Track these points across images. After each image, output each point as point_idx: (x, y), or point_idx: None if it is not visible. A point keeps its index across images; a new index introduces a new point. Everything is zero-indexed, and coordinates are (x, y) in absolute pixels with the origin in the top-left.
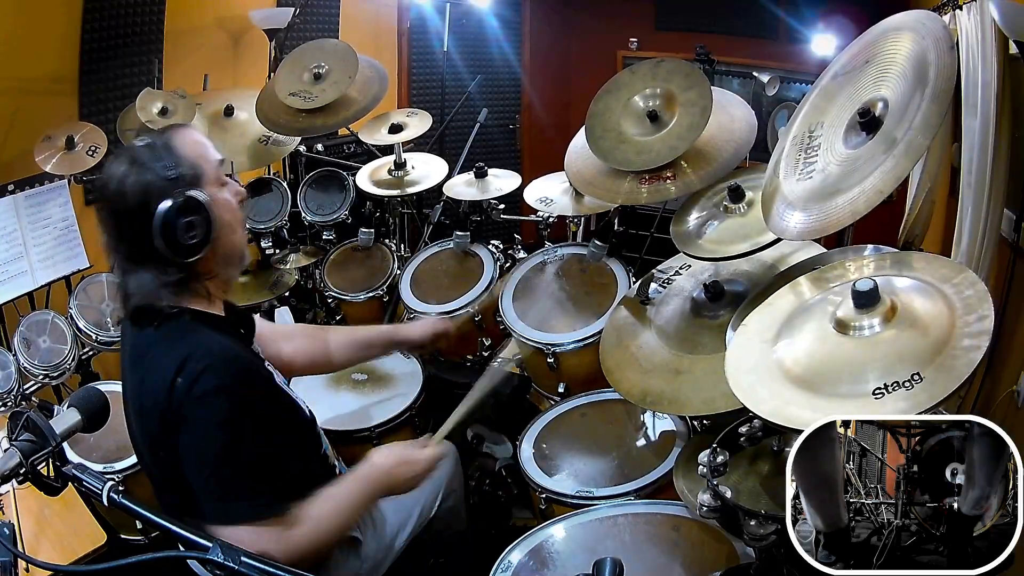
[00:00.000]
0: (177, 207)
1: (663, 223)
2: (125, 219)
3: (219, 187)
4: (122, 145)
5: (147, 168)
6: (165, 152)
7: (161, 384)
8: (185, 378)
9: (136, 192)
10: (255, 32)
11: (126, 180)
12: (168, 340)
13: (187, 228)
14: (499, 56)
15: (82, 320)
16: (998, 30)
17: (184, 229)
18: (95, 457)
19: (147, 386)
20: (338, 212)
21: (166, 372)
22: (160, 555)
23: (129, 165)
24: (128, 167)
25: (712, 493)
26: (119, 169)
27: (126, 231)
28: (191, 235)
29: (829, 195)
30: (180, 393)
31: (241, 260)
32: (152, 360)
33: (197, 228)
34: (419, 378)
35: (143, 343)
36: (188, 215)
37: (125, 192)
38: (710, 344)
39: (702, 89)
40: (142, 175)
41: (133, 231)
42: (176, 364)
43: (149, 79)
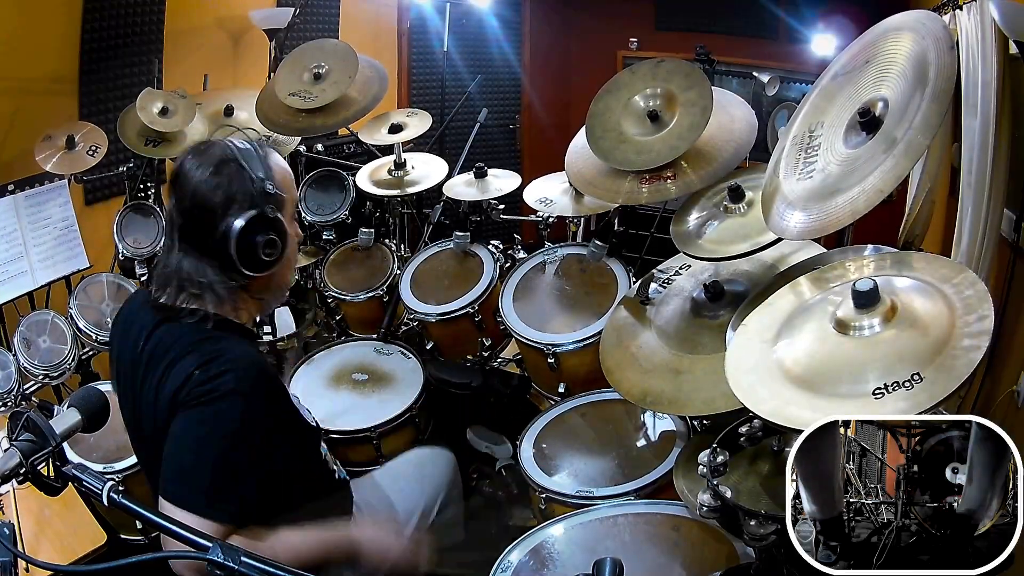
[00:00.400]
0: (264, 221)
1: (663, 223)
2: (204, 214)
3: (292, 221)
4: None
5: (246, 171)
6: (265, 165)
7: (180, 377)
8: (203, 372)
9: (225, 191)
10: (255, 32)
11: (218, 175)
12: (200, 342)
13: (266, 245)
14: (499, 56)
15: (82, 320)
16: (998, 30)
17: (264, 246)
18: (95, 457)
19: (169, 378)
20: (338, 212)
21: (188, 366)
22: (160, 555)
23: (222, 161)
24: (220, 163)
25: (712, 493)
26: (210, 162)
27: (200, 225)
28: (268, 252)
29: (829, 195)
30: (194, 384)
31: (284, 294)
32: (177, 357)
33: (273, 249)
34: (419, 378)
35: (170, 339)
36: (270, 233)
37: (214, 187)
38: (710, 344)
39: (702, 89)
40: (236, 176)
41: (208, 228)
42: (199, 361)
43: (149, 79)
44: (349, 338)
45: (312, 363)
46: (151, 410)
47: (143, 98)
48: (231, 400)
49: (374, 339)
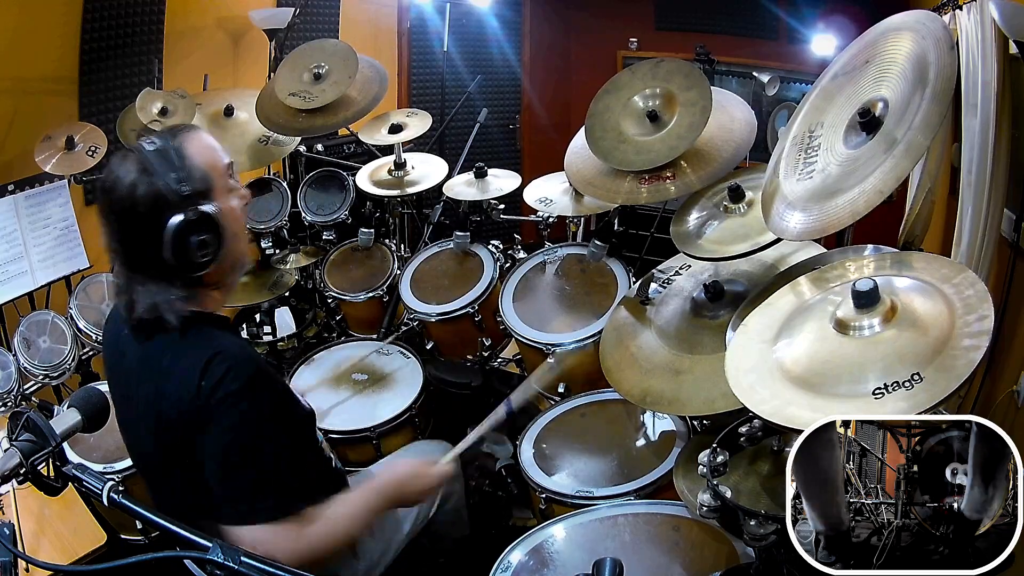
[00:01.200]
0: (189, 223)
1: (663, 223)
2: (133, 228)
3: (227, 195)
4: (128, 146)
5: (158, 177)
6: (177, 160)
7: (185, 389)
8: (209, 380)
9: (147, 202)
10: (255, 32)
11: (136, 188)
12: (185, 345)
13: (200, 246)
14: (499, 56)
15: (82, 320)
16: (998, 30)
17: (197, 247)
18: (95, 457)
19: (168, 393)
20: (338, 212)
21: (190, 376)
22: (160, 555)
23: (139, 172)
24: (138, 174)
25: (712, 493)
26: (128, 175)
27: (133, 240)
28: (203, 253)
29: (829, 195)
30: (205, 395)
31: (243, 266)
32: (170, 366)
33: (209, 245)
34: (419, 378)
35: (156, 351)
36: (200, 232)
37: (135, 201)
38: (710, 344)
39: (702, 89)
40: (153, 185)
41: (141, 240)
42: (199, 367)
43: (149, 79)
44: (349, 338)
45: (312, 363)
46: (153, 417)
47: (143, 98)
48: (242, 402)
49: (374, 339)
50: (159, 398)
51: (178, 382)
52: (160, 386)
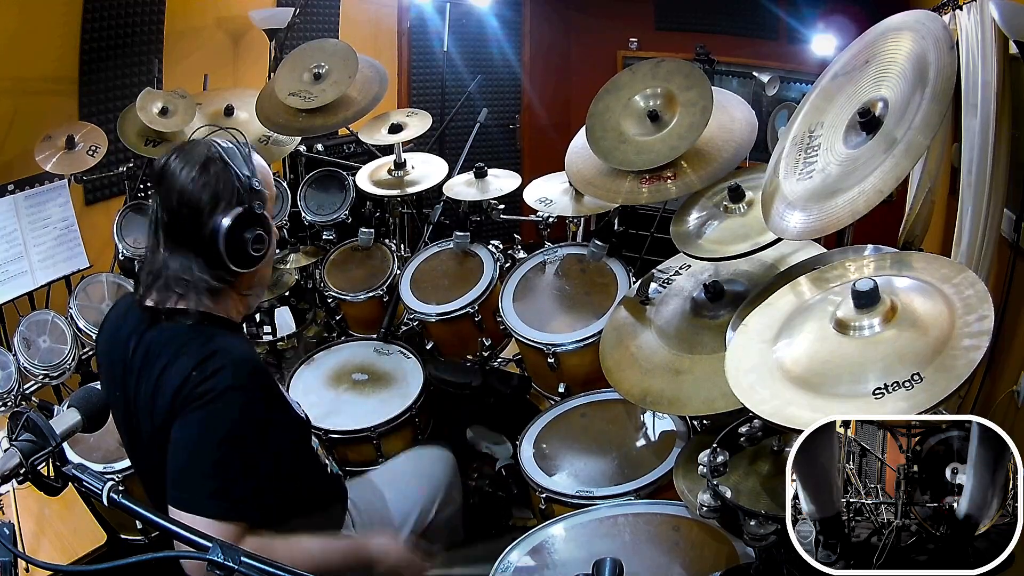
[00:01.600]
0: (252, 217)
1: (663, 223)
2: (190, 212)
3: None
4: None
5: (232, 169)
6: (248, 161)
7: (178, 378)
8: (200, 371)
9: (212, 188)
10: (255, 32)
11: (204, 173)
12: (193, 341)
13: (255, 241)
14: (499, 56)
15: (82, 320)
16: (998, 30)
17: (252, 242)
18: (95, 457)
19: (165, 380)
20: (338, 212)
21: (185, 366)
22: (160, 555)
23: (207, 159)
24: (206, 162)
25: (712, 493)
26: (195, 160)
27: (187, 224)
28: (256, 248)
29: (829, 195)
30: (192, 384)
31: (263, 289)
32: (172, 359)
33: (262, 243)
34: (419, 378)
35: (162, 342)
36: (257, 229)
37: (201, 186)
38: (710, 344)
39: (702, 89)
40: (222, 174)
41: (194, 226)
42: (196, 361)
43: (149, 79)
44: (349, 338)
45: (312, 363)
46: (148, 413)
47: (143, 98)
48: (228, 397)
49: (374, 339)
50: (157, 389)
51: (176, 373)
52: (160, 375)
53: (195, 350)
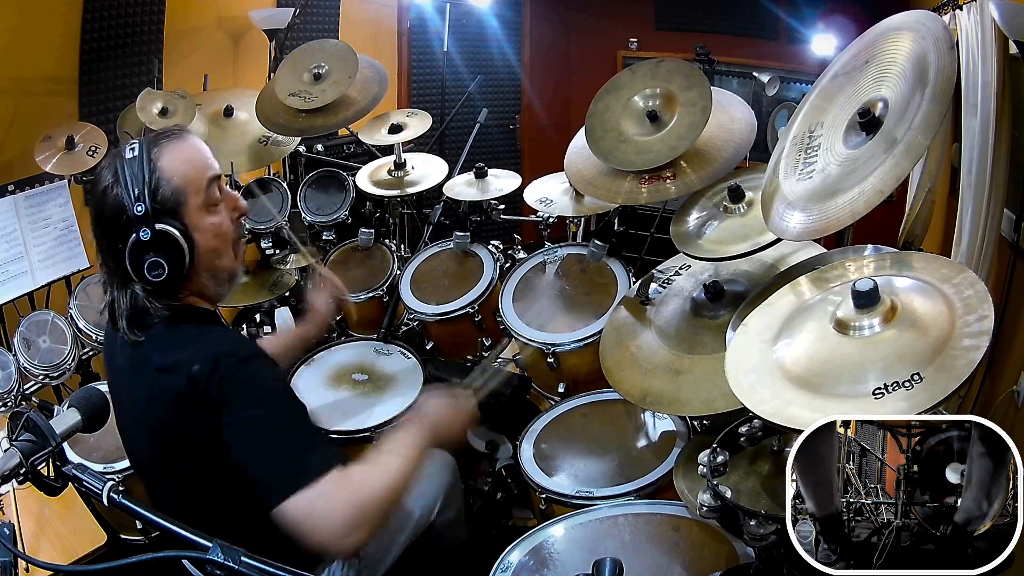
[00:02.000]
0: (141, 244)
1: (663, 223)
2: (104, 232)
3: (207, 211)
4: (113, 149)
5: (124, 189)
6: (147, 174)
7: (176, 379)
8: (203, 364)
9: (113, 212)
10: (255, 32)
11: (107, 195)
12: (174, 340)
13: (151, 267)
14: (499, 56)
15: (82, 320)
16: (998, 30)
17: (148, 267)
18: (95, 457)
19: (163, 391)
20: (338, 212)
21: (178, 365)
22: (160, 555)
23: (112, 179)
24: (111, 181)
25: (712, 493)
26: (104, 180)
27: (105, 243)
28: (154, 274)
29: (829, 195)
30: (201, 379)
31: (231, 279)
32: (163, 364)
33: (160, 267)
34: (419, 378)
35: (146, 349)
36: (154, 252)
37: (105, 208)
38: (710, 344)
39: (702, 89)
40: (118, 197)
41: (111, 246)
42: (187, 354)
43: (149, 79)
44: (349, 338)
45: (312, 363)
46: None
47: (143, 98)
48: (244, 368)
49: (374, 339)
50: (153, 399)
51: (169, 374)
52: (153, 385)
53: (185, 349)
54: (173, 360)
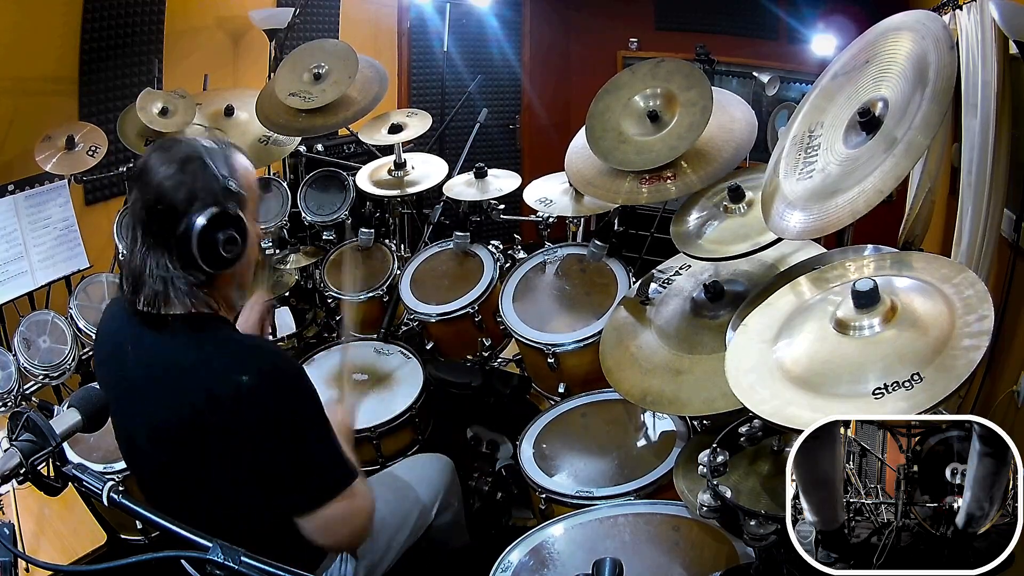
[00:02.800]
0: (226, 218)
1: (663, 223)
2: (165, 210)
3: (253, 220)
4: (177, 137)
5: (210, 168)
6: (229, 163)
7: (219, 387)
8: (255, 377)
9: (188, 188)
10: (255, 32)
11: (180, 172)
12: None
13: (227, 242)
14: (499, 56)
15: (82, 320)
16: (998, 30)
17: (224, 243)
18: (95, 457)
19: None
20: (338, 212)
21: (222, 374)
22: (160, 555)
23: (190, 157)
24: (184, 161)
25: (712, 493)
26: (174, 159)
27: (162, 222)
28: (228, 249)
29: (829, 195)
30: (259, 393)
31: (245, 292)
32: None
33: (235, 244)
34: (419, 378)
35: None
36: (230, 230)
37: (177, 184)
38: (710, 344)
39: (702, 89)
40: (198, 174)
41: (169, 224)
42: (228, 364)
43: (149, 79)
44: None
45: (312, 363)
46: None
47: (143, 98)
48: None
49: (374, 339)
50: (181, 400)
51: (211, 382)
52: (180, 387)
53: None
54: (208, 363)
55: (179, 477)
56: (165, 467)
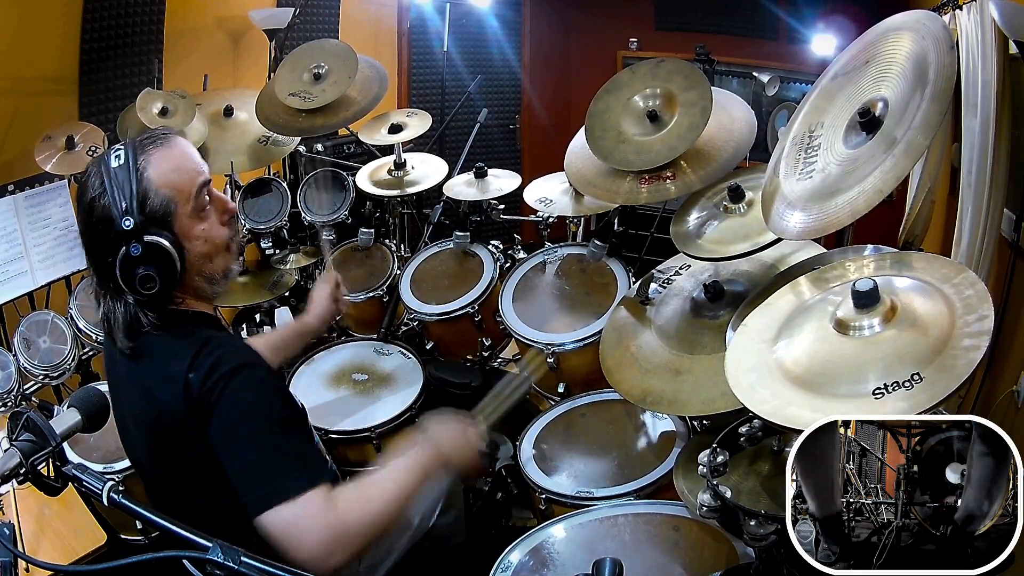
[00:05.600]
0: (131, 258)
1: (663, 223)
2: (93, 243)
3: (198, 218)
4: (99, 155)
5: (112, 201)
6: (135, 184)
7: (173, 387)
8: (198, 372)
9: (102, 223)
10: (255, 32)
11: (94, 206)
12: (169, 343)
13: (142, 280)
14: (499, 56)
15: (82, 320)
16: (998, 30)
17: (141, 281)
18: (95, 457)
19: (156, 395)
20: (338, 212)
21: (176, 374)
22: (160, 555)
23: (99, 189)
24: (98, 191)
25: (712, 493)
26: (91, 190)
27: (98, 264)
28: (147, 287)
29: (829, 195)
30: (196, 387)
31: (225, 278)
32: (158, 367)
33: (154, 279)
34: (419, 378)
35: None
36: (145, 265)
37: (92, 220)
38: (710, 344)
39: (702, 89)
40: (106, 209)
41: (103, 265)
42: (185, 363)
43: (149, 79)
44: (349, 338)
45: (312, 363)
46: (141, 419)
47: (143, 98)
48: (238, 378)
49: (374, 339)
50: (148, 402)
51: (167, 382)
52: (148, 389)
53: (179, 352)
54: (168, 369)
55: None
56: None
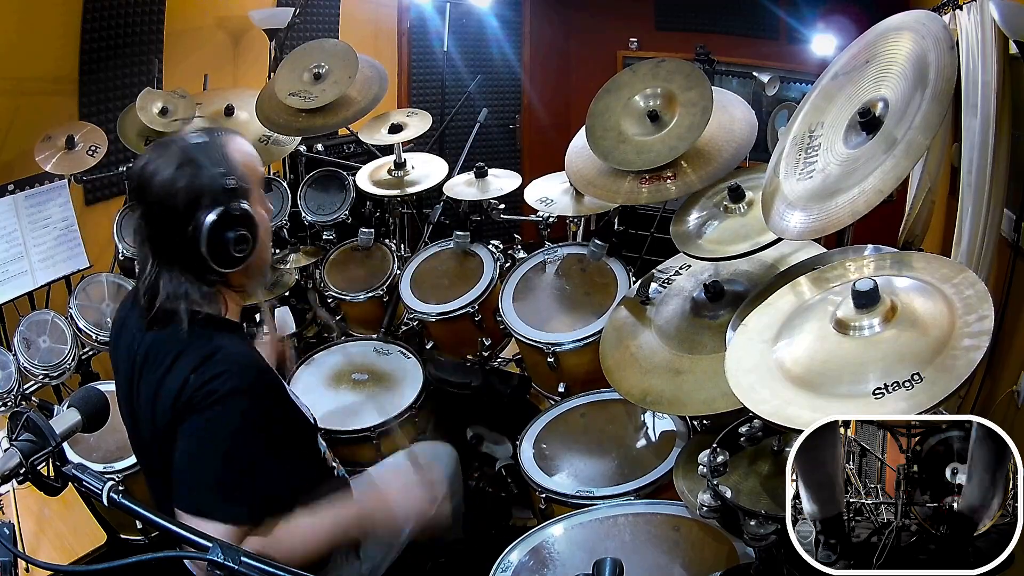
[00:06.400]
0: (231, 217)
1: (663, 223)
2: (169, 218)
3: (259, 203)
4: (169, 138)
5: (202, 170)
6: (221, 157)
7: (177, 382)
8: (199, 375)
9: (187, 194)
10: (255, 32)
11: (177, 179)
12: (192, 344)
13: (237, 241)
14: (499, 56)
15: (82, 320)
16: (998, 30)
17: (235, 242)
18: (95, 457)
19: (165, 385)
20: (338, 212)
21: (183, 370)
22: (160, 555)
23: (181, 162)
24: (180, 165)
25: (712, 493)
26: (168, 165)
27: (168, 230)
28: (240, 248)
29: (829, 195)
30: (191, 389)
31: (265, 275)
32: (173, 362)
33: (246, 242)
34: (419, 378)
35: (163, 344)
36: (239, 228)
37: (175, 192)
38: (710, 344)
39: (702, 89)
40: (196, 177)
41: (175, 232)
42: (194, 364)
43: (149, 79)
44: (349, 338)
45: (312, 363)
46: (149, 417)
47: (143, 98)
48: (232, 401)
49: (374, 339)
50: (157, 393)
51: (175, 376)
52: (160, 380)
53: (193, 354)
54: (182, 361)
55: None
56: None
